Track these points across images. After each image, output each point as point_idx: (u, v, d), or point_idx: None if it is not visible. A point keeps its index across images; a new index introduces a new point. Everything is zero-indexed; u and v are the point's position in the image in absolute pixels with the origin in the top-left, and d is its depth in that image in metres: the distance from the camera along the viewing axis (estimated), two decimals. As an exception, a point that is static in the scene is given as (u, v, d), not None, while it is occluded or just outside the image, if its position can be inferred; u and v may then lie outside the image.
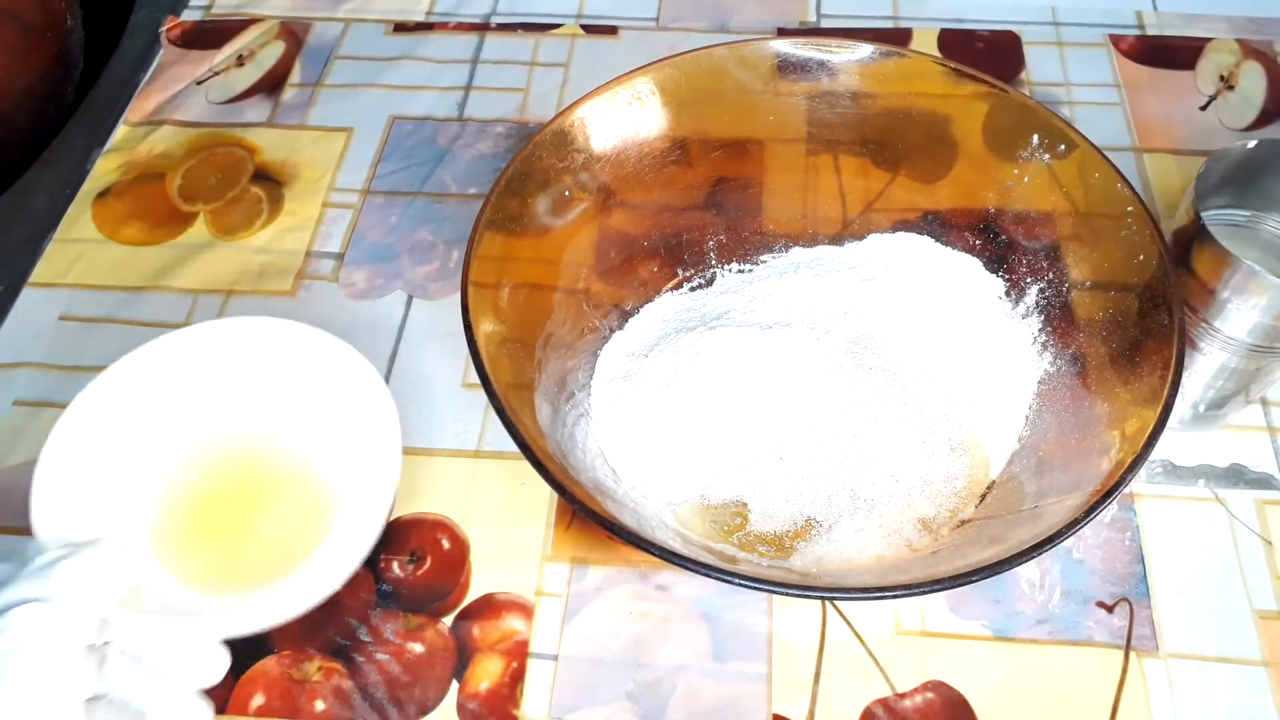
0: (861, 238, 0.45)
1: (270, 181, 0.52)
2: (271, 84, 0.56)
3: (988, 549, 0.33)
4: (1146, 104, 0.53)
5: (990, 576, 0.30)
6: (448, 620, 0.38)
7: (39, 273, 0.49)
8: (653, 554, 0.30)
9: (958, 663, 0.36)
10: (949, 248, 0.44)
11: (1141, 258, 0.36)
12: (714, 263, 0.45)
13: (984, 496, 0.38)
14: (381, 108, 0.55)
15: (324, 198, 0.51)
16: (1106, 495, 0.31)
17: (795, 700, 0.35)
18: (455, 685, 0.36)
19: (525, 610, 0.38)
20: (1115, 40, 0.56)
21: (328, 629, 0.37)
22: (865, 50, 0.43)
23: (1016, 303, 0.42)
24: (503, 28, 0.58)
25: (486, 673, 0.36)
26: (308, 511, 0.36)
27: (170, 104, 0.55)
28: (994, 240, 0.43)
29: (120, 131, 0.54)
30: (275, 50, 0.58)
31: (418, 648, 0.37)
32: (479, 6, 0.60)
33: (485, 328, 0.36)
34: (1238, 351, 0.36)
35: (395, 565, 0.39)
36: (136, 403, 0.37)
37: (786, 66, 0.43)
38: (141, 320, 0.46)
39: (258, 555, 0.35)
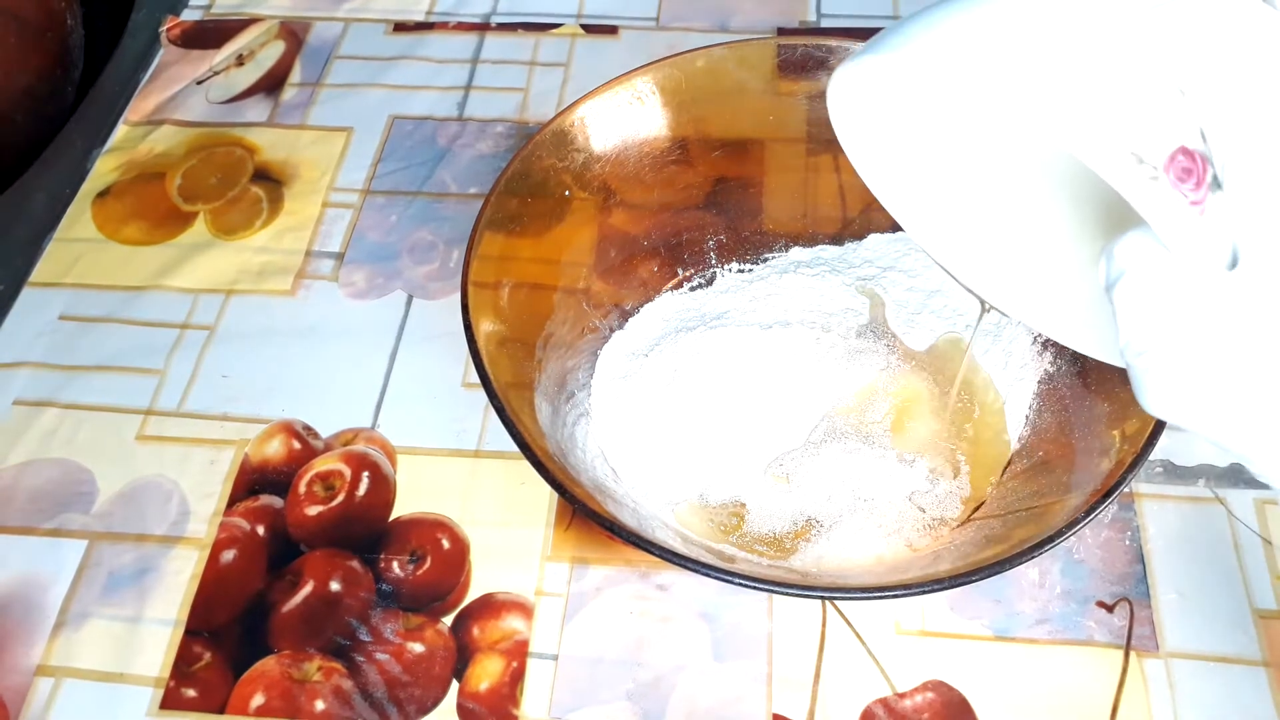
0: (861, 237, 0.45)
1: (270, 181, 0.52)
2: (271, 83, 0.56)
3: (988, 549, 0.33)
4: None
5: (990, 576, 0.30)
6: (448, 620, 0.38)
7: (39, 272, 0.49)
8: (653, 554, 0.30)
9: (958, 662, 0.36)
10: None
11: (1142, 257, 0.36)
12: (714, 262, 0.45)
13: (985, 496, 0.38)
14: (381, 107, 0.55)
15: (324, 197, 0.51)
16: (1106, 495, 0.31)
17: (795, 700, 0.35)
18: (455, 685, 0.36)
19: (525, 610, 0.38)
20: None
21: (328, 629, 0.37)
22: (865, 50, 0.42)
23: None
24: (503, 27, 0.58)
25: (486, 672, 0.36)
26: None
27: (170, 104, 0.55)
28: (994, 240, 0.43)
29: (120, 131, 0.54)
30: (275, 50, 0.58)
31: (418, 647, 0.37)
32: (479, 6, 0.60)
33: (485, 327, 0.36)
34: (1238, 351, 0.36)
35: (395, 565, 0.39)
36: None
37: (786, 66, 0.43)
38: (141, 320, 0.46)
39: None
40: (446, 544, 0.39)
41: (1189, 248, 0.21)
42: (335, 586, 0.38)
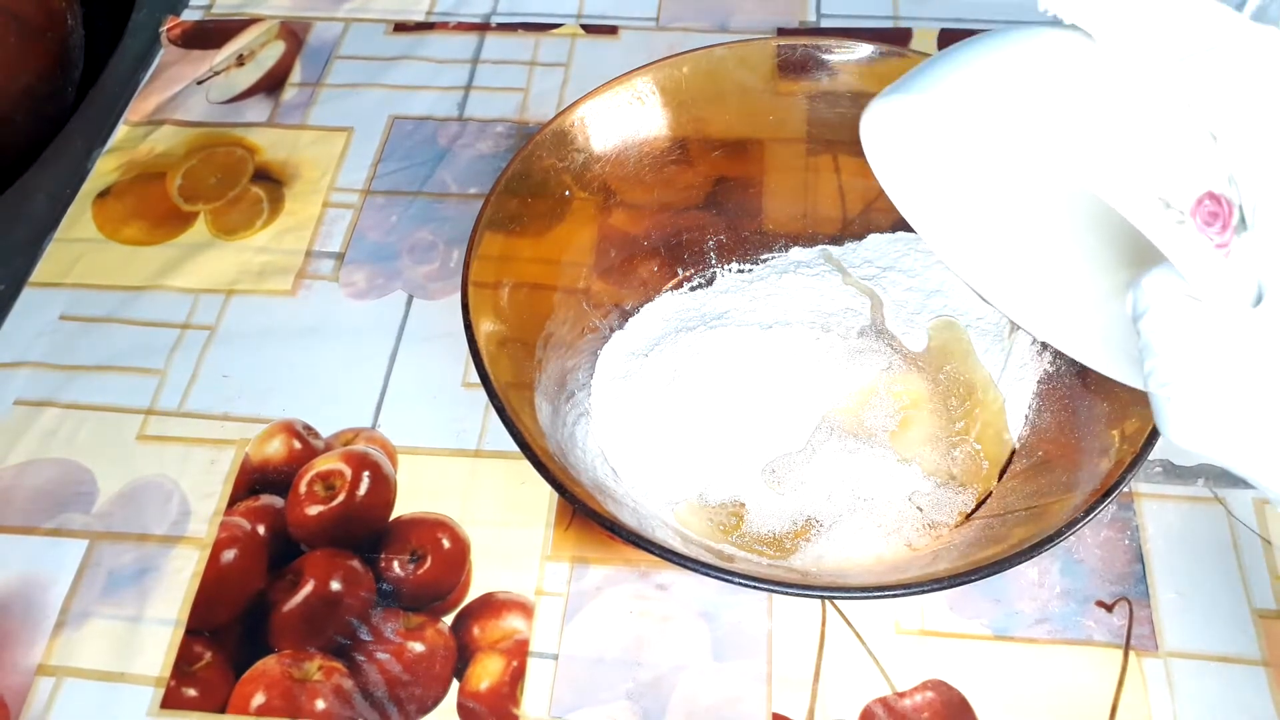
0: (861, 237, 0.45)
1: (271, 181, 0.52)
2: (272, 84, 0.56)
3: (987, 548, 0.33)
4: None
5: (990, 576, 0.30)
6: (448, 619, 0.38)
7: (39, 272, 0.49)
8: (653, 553, 0.30)
9: (957, 662, 0.36)
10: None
11: (1141, 257, 0.36)
12: (714, 262, 0.45)
13: (984, 496, 0.38)
14: (382, 107, 0.55)
15: (324, 197, 0.51)
16: (1106, 495, 0.31)
17: (795, 699, 0.35)
18: (455, 684, 0.36)
19: (525, 609, 0.38)
20: (1115, 40, 0.56)
21: (328, 628, 0.37)
22: (865, 50, 0.43)
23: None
24: (503, 27, 0.59)
25: (487, 672, 0.36)
26: None
27: (170, 104, 0.55)
28: (994, 240, 0.43)
29: (120, 131, 0.54)
30: (275, 50, 0.58)
31: (418, 647, 0.37)
32: (479, 6, 0.60)
33: (485, 327, 0.36)
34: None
35: (396, 564, 0.39)
36: None
37: (786, 66, 0.43)
38: (142, 320, 0.47)
39: None
40: (447, 543, 0.39)
41: (1213, 289, 0.22)
42: (336, 586, 0.38)
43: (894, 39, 0.56)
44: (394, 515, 0.40)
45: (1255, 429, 0.22)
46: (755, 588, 0.31)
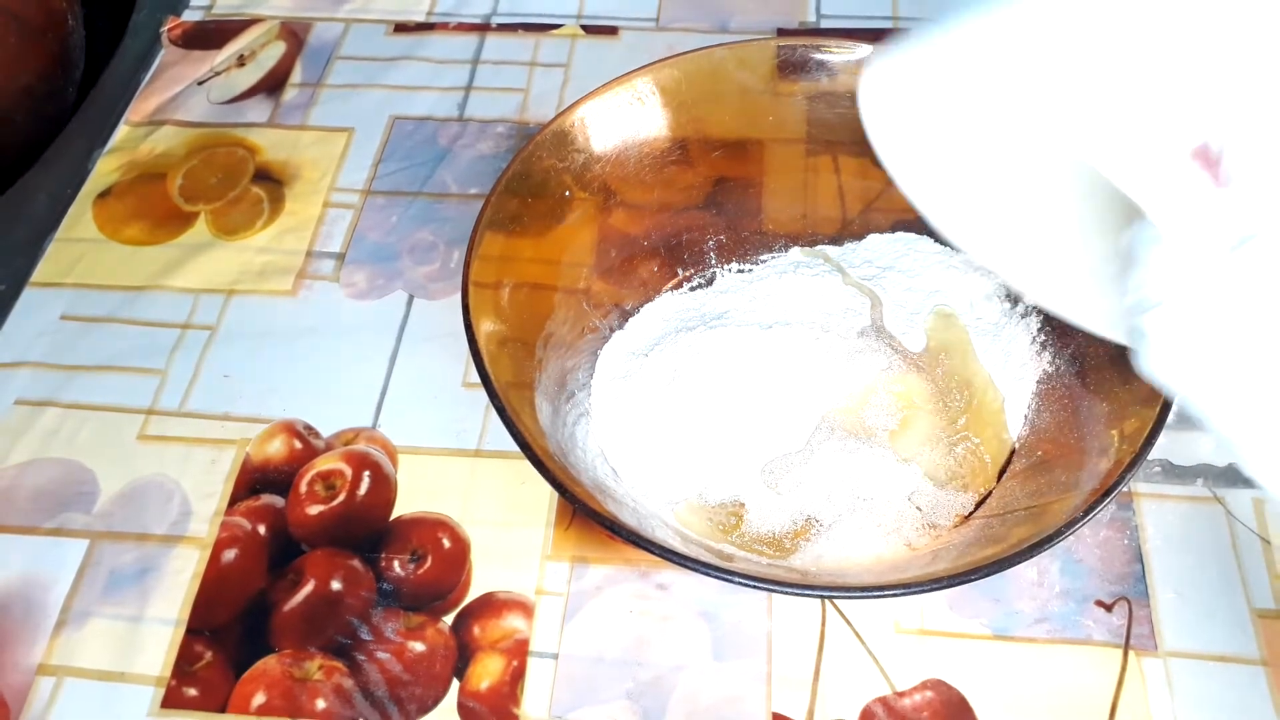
0: (861, 237, 0.45)
1: (271, 181, 0.52)
2: (272, 84, 0.56)
3: (987, 548, 0.33)
4: (1146, 104, 0.53)
5: (989, 575, 0.30)
6: (448, 619, 0.38)
7: (40, 272, 0.49)
8: (653, 553, 0.30)
9: (957, 661, 0.36)
10: (948, 247, 0.44)
11: (1140, 258, 0.36)
12: (714, 262, 0.45)
13: (983, 496, 0.38)
14: (382, 108, 0.55)
15: (325, 198, 0.51)
16: (1105, 494, 0.31)
17: (795, 699, 0.35)
18: (456, 684, 0.36)
19: (526, 609, 0.38)
20: (1114, 40, 0.56)
21: (329, 628, 0.37)
22: (865, 51, 0.43)
23: (1016, 302, 0.42)
24: (503, 28, 0.59)
25: (487, 671, 0.36)
26: None
27: (171, 104, 0.55)
28: (993, 240, 0.43)
29: (121, 131, 0.54)
30: (276, 50, 0.58)
31: (418, 646, 0.37)
32: (479, 7, 0.60)
33: (486, 327, 0.36)
34: (1236, 351, 0.36)
35: (396, 564, 0.39)
36: None
37: (786, 67, 0.43)
38: (142, 320, 0.47)
39: None
40: (447, 543, 0.39)
41: (1197, 237, 0.22)
42: (336, 586, 0.38)
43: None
44: (394, 515, 0.40)
45: (1226, 370, 0.23)
46: (755, 587, 0.31)
